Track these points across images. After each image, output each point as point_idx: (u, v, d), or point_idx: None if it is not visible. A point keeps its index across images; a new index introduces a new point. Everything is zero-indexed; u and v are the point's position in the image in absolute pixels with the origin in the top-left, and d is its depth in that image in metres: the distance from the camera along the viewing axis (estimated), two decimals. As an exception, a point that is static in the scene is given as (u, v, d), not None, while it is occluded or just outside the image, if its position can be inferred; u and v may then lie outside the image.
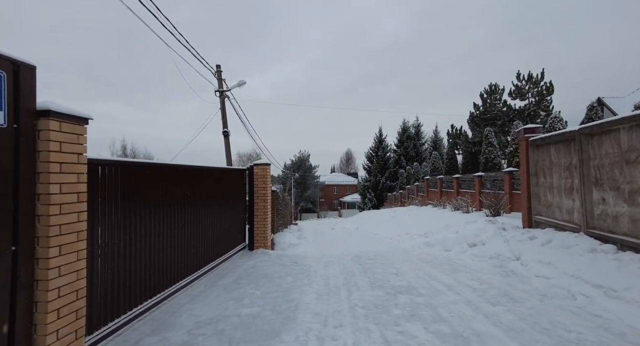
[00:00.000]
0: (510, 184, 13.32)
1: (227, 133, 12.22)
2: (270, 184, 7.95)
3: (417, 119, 42.32)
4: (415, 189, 26.69)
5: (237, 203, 7.42)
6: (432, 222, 12.94)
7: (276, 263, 6.76)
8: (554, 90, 18.78)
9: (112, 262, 3.43)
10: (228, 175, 6.97)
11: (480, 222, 9.40)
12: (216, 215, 6.34)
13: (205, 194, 5.89)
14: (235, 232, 7.33)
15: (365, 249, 9.52)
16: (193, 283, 5.34)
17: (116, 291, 3.51)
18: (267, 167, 7.77)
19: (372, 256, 8.28)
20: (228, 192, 6.98)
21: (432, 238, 9.81)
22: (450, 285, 5.24)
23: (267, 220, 7.73)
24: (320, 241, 12.10)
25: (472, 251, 8.00)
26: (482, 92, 20.61)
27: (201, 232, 5.72)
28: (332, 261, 7.44)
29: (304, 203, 56.82)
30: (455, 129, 23.72)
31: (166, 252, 4.59)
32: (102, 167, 3.29)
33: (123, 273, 3.64)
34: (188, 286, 5.21)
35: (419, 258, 7.89)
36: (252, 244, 7.71)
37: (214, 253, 6.23)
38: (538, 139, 7.55)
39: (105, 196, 3.32)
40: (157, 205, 4.36)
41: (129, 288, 3.73)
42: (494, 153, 16.84)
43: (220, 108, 12.40)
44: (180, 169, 5.01)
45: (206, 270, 5.84)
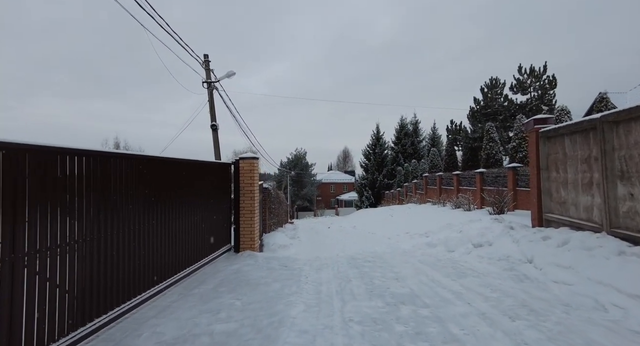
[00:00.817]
0: (514, 180, 12.73)
1: (215, 126, 11.53)
2: (257, 180, 7.29)
3: (415, 116, 41.77)
4: (414, 187, 26.10)
5: (221, 201, 6.76)
6: (433, 220, 12.33)
7: (263, 267, 6.10)
8: (556, 84, 18.17)
9: (45, 273, 2.76)
10: (210, 169, 6.30)
11: (485, 220, 8.79)
12: (196, 214, 5.67)
13: (182, 190, 5.23)
14: (219, 232, 6.66)
15: (363, 250, 8.89)
16: (166, 291, 4.68)
17: (56, 306, 2.85)
18: (254, 161, 7.10)
19: (369, 258, 7.64)
20: (210, 189, 6.31)
21: (434, 238, 9.19)
22: (459, 293, 4.61)
23: (255, 220, 7.07)
24: (315, 241, 11.46)
25: (478, 252, 7.38)
26: (482, 86, 19.96)
27: (177, 233, 5.06)
28: (326, 264, 6.79)
29: (301, 202, 56.16)
30: (454, 125, 23.08)
31: (131, 256, 3.93)
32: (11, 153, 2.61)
33: (66, 286, 2.97)
34: (160, 295, 4.54)
35: (421, 260, 7.27)
36: (238, 246, 7.05)
37: (194, 256, 5.57)
38: (550, 130, 6.93)
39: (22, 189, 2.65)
40: (116, 202, 3.69)
41: (75, 303, 3.07)
42: (496, 149, 16.24)
43: (208, 100, 11.71)
44: (148, 161, 4.34)
45: (183, 275, 5.18)
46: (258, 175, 7.35)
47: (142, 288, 4.17)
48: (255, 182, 7.12)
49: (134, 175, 4.06)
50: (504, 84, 19.58)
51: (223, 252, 6.77)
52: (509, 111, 18.63)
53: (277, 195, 16.16)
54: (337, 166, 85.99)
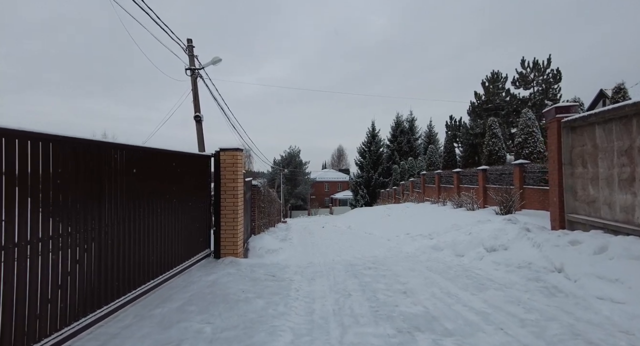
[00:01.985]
0: (521, 178, 11.92)
1: (199, 118, 10.55)
2: (242, 175, 6.33)
3: (411, 113, 40.96)
4: (411, 185, 25.30)
5: (197, 200, 5.80)
6: (436, 220, 11.47)
7: (246, 278, 5.16)
8: (561, 78, 17.41)
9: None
10: (184, 162, 5.34)
11: (497, 221, 7.95)
12: (165, 215, 4.72)
13: (147, 186, 4.27)
14: (195, 236, 5.71)
15: (361, 254, 8.00)
16: (119, 313, 3.72)
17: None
18: (237, 154, 6.15)
19: (369, 263, 6.75)
20: (185, 185, 5.36)
21: (440, 240, 8.32)
22: (484, 313, 3.73)
23: (238, 221, 6.12)
24: (308, 243, 10.54)
25: (492, 257, 6.52)
26: (484, 80, 19.10)
27: (139, 238, 4.11)
28: (320, 272, 5.88)
29: (294, 201, 55.17)
30: (454, 120, 22.25)
31: (68, 272, 2.97)
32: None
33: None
34: (111, 317, 3.59)
35: (429, 267, 6.39)
36: (218, 251, 6.10)
37: (160, 265, 4.62)
38: (576, 119, 6.08)
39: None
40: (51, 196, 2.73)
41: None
42: (499, 146, 15.45)
43: (192, 89, 10.72)
44: (90, 146, 3.37)
45: (146, 289, 4.22)
46: (242, 170, 6.41)
47: (83, 311, 3.21)
48: (239, 177, 6.17)
49: (71, 163, 3.10)
50: (506, 78, 18.80)
51: (200, 258, 5.81)
52: (511, 106, 17.85)
53: (268, 193, 15.20)
54: (331, 164, 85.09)
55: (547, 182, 10.95)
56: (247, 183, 9.54)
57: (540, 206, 10.96)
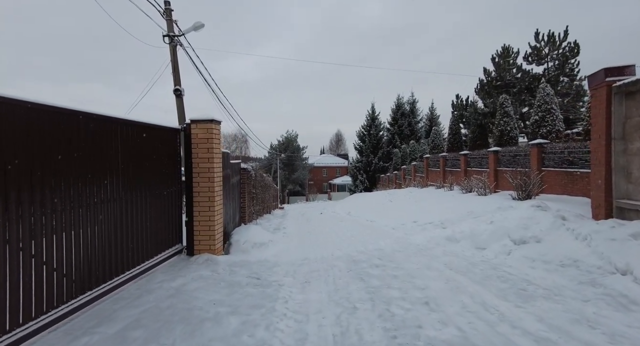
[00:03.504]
0: (539, 159, 10.78)
1: (179, 91, 9.27)
2: (219, 153, 5.14)
3: (412, 95, 39.38)
4: (413, 169, 24.18)
5: (164, 184, 4.64)
6: (446, 207, 10.38)
7: (222, 283, 4.06)
8: (579, 51, 15.90)
9: None
10: (146, 136, 4.16)
11: (522, 208, 6.84)
12: (116, 204, 3.57)
13: (80, 165, 3.11)
14: (162, 229, 4.58)
15: (364, 246, 6.92)
16: (37, 339, 2.61)
17: None
18: (213, 126, 4.94)
19: (376, 259, 5.67)
20: (145, 165, 4.19)
21: (455, 230, 7.23)
22: (548, 341, 2.63)
23: (215, 210, 4.97)
24: (304, 232, 9.45)
25: (522, 251, 5.45)
26: (494, 55, 17.61)
27: (82, 231, 2.98)
28: (317, 271, 4.79)
29: (292, 186, 54.12)
30: (460, 99, 20.88)
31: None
32: None
33: None
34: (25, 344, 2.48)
35: (447, 263, 5.31)
36: (191, 246, 4.98)
37: (109, 268, 3.51)
38: (634, 82, 4.88)
39: None
40: None
41: None
42: (511, 125, 14.23)
43: (171, 59, 9.41)
44: None
45: (80, 303, 3.11)
46: (220, 146, 5.21)
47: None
48: (216, 155, 4.99)
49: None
50: (518, 53, 17.36)
51: (168, 256, 4.69)
52: (523, 83, 16.52)
53: (261, 178, 14.03)
54: (329, 149, 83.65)
55: (571, 164, 9.85)
56: (235, 166, 8.37)
57: (561, 190, 9.86)
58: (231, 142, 61.80)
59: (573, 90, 15.65)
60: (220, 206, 5.20)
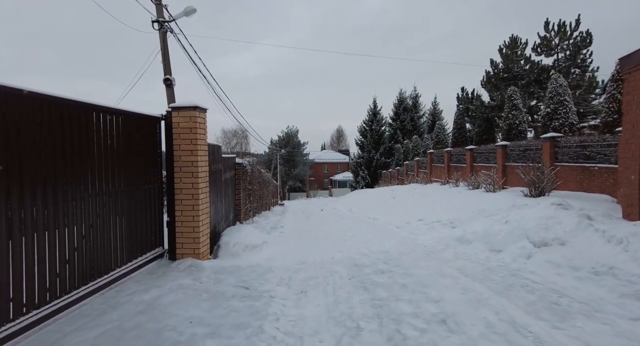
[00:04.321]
0: (552, 154, 10.18)
1: (169, 81, 8.68)
2: (204, 145, 4.55)
3: (415, 89, 38.82)
4: (416, 165, 23.57)
5: (142, 179, 4.07)
6: (453, 204, 9.80)
7: (204, 294, 3.49)
8: (592, 41, 15.13)
9: None
10: (119, 124, 3.58)
11: (541, 206, 6.25)
12: (90, 200, 3.01)
13: (42, 159, 2.54)
14: (140, 230, 4.02)
15: (368, 247, 6.36)
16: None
17: None
18: (197, 114, 4.35)
19: (381, 263, 5.11)
20: (121, 157, 3.62)
21: (466, 230, 6.66)
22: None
23: (200, 209, 4.40)
24: (303, 231, 8.89)
25: (545, 255, 4.88)
26: (501, 46, 16.85)
27: (38, 236, 2.41)
28: (315, 278, 4.23)
29: (293, 182, 53.54)
30: (466, 92, 20.14)
31: None
32: None
33: None
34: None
35: (461, 268, 4.75)
36: (173, 250, 4.41)
37: (76, 276, 2.95)
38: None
39: None
40: None
41: None
42: (520, 118, 13.59)
43: (161, 46, 8.81)
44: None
45: (28, 322, 2.55)
46: (206, 137, 4.62)
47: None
48: (201, 147, 4.40)
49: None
50: (526, 44, 16.62)
51: (146, 261, 4.13)
52: (531, 75, 15.82)
53: (259, 174, 13.45)
54: (330, 145, 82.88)
55: (588, 158, 9.24)
56: (228, 160, 7.80)
57: (576, 186, 9.28)
58: (231, 137, 61.08)
59: (585, 82, 14.96)
60: (206, 205, 4.63)
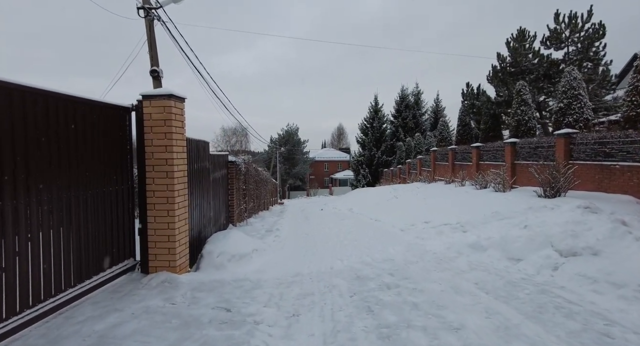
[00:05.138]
0: (566, 152, 9.54)
1: (156, 73, 8.05)
2: (182, 139, 3.92)
3: (417, 86, 37.93)
4: (419, 163, 22.92)
5: (108, 179, 3.45)
6: (462, 205, 9.17)
7: (174, 319, 2.87)
8: (605, 33, 14.39)
9: None
10: (78, 116, 2.95)
11: (564, 209, 5.62)
12: (38, 204, 2.39)
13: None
14: (103, 239, 3.40)
15: (371, 255, 5.74)
16: None
17: None
18: (173, 104, 3.71)
19: (386, 275, 4.49)
20: (80, 153, 3.01)
21: (480, 235, 6.03)
22: None
23: (177, 215, 3.78)
24: (300, 235, 8.27)
25: (574, 266, 4.25)
26: (508, 39, 16.10)
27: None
28: (310, 297, 3.60)
29: (292, 181, 52.91)
30: (471, 88, 19.43)
31: None
32: None
33: None
34: None
35: (478, 282, 4.12)
36: (146, 262, 3.79)
37: (8, 303, 2.32)
38: None
39: None
40: None
41: None
42: (529, 114, 12.93)
43: (147, 36, 8.18)
44: None
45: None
46: (184, 131, 3.99)
47: None
48: (177, 142, 3.78)
49: None
50: (535, 37, 15.91)
51: (111, 276, 3.51)
52: (540, 69, 15.14)
53: (255, 172, 12.83)
54: (331, 144, 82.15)
55: (608, 156, 8.59)
56: (219, 158, 7.18)
57: (594, 186, 8.65)
58: (231, 135, 60.37)
59: (598, 76, 14.27)
60: (184, 210, 4.00)
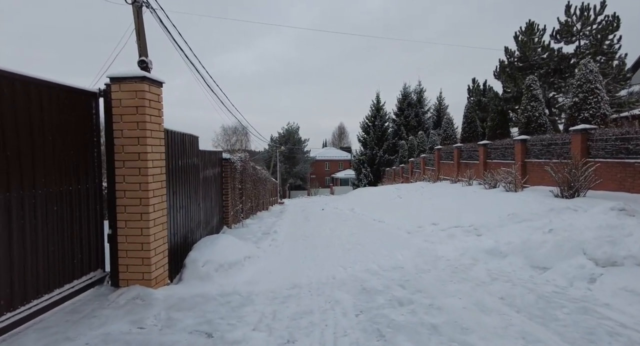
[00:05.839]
0: (583, 149, 8.94)
1: (145, 64, 7.48)
2: (159, 130, 3.35)
3: (420, 84, 37.28)
4: (422, 162, 22.34)
5: (69, 176, 2.89)
6: (473, 206, 8.59)
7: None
8: (619, 26, 13.74)
9: None
10: (29, 100, 2.38)
11: (595, 212, 5.03)
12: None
13: None
14: (63, 247, 2.84)
15: (377, 261, 5.17)
16: None
17: None
18: (147, 88, 3.14)
19: (396, 287, 3.91)
20: (32, 146, 2.43)
21: (499, 239, 5.45)
22: None
23: (152, 219, 3.22)
24: (299, 238, 7.70)
25: (617, 279, 3.68)
26: (517, 33, 15.44)
27: None
28: (309, 315, 3.03)
29: (293, 180, 52.32)
30: (477, 84, 18.79)
31: None
32: None
33: None
34: None
35: (505, 297, 3.55)
36: (116, 274, 3.22)
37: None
38: None
39: None
40: None
41: None
42: (539, 110, 12.33)
43: (135, 23, 7.59)
44: None
45: None
46: (161, 120, 3.42)
47: None
48: (152, 133, 3.21)
49: None
50: (544, 30, 15.28)
51: (74, 290, 2.95)
52: (550, 64, 14.50)
53: (253, 171, 12.26)
54: (332, 143, 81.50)
55: (631, 153, 8.01)
56: (211, 155, 6.62)
57: (616, 186, 8.06)
58: (231, 134, 59.81)
59: (613, 69, 13.64)
60: (162, 213, 3.42)
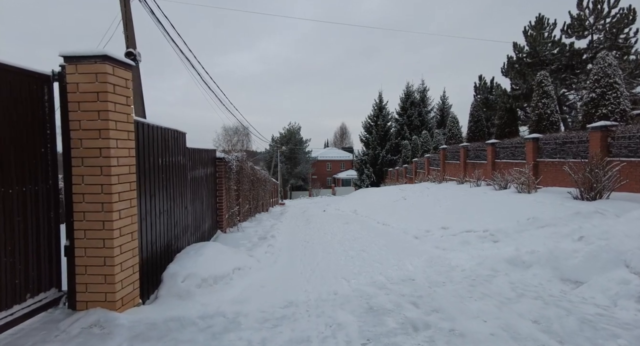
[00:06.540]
0: (603, 147, 8.36)
1: (132, 55, 6.95)
2: (128, 121, 2.79)
3: (423, 83, 36.69)
4: (426, 162, 21.74)
5: (12, 176, 2.33)
6: (485, 208, 8.00)
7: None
8: (636, 18, 13.14)
9: None
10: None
11: (634, 216, 4.46)
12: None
13: None
14: (5, 259, 2.27)
15: (384, 271, 4.61)
16: None
17: None
18: (110, 69, 2.58)
19: (408, 305, 3.34)
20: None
21: (517, 246, 4.88)
22: None
23: (116, 228, 2.67)
24: (298, 244, 7.14)
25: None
26: (526, 27, 14.84)
27: None
28: (303, 345, 2.47)
29: (294, 181, 51.75)
30: (484, 81, 18.15)
31: None
32: None
33: None
34: None
35: (538, 319, 2.98)
36: (73, 294, 2.67)
37: None
38: None
39: None
40: None
41: None
42: (551, 107, 11.74)
43: (122, 13, 7.03)
44: None
45: None
46: (131, 110, 2.86)
47: None
48: (117, 124, 2.66)
49: None
50: (555, 25, 14.67)
51: (18, 316, 2.40)
52: (562, 59, 13.88)
53: (252, 171, 11.70)
54: (333, 143, 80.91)
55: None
56: (203, 153, 6.07)
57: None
58: (232, 135, 59.27)
59: (631, 63, 13.03)
60: (130, 220, 2.86)
